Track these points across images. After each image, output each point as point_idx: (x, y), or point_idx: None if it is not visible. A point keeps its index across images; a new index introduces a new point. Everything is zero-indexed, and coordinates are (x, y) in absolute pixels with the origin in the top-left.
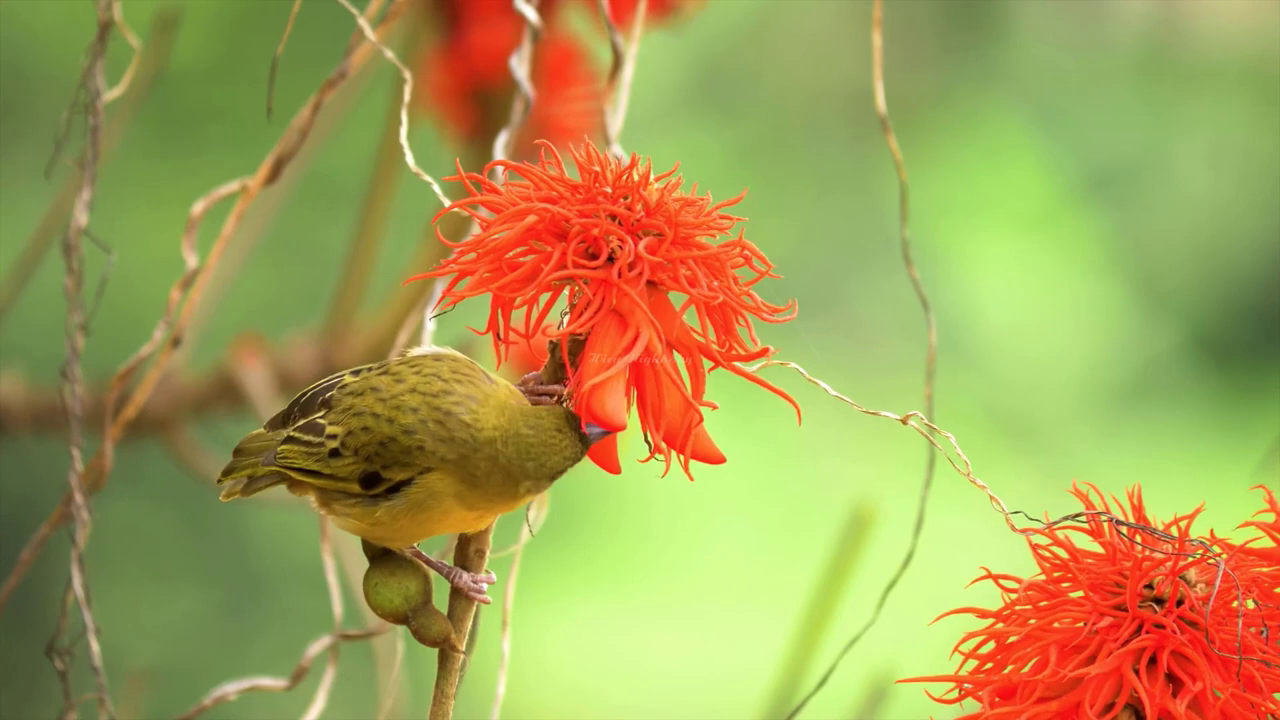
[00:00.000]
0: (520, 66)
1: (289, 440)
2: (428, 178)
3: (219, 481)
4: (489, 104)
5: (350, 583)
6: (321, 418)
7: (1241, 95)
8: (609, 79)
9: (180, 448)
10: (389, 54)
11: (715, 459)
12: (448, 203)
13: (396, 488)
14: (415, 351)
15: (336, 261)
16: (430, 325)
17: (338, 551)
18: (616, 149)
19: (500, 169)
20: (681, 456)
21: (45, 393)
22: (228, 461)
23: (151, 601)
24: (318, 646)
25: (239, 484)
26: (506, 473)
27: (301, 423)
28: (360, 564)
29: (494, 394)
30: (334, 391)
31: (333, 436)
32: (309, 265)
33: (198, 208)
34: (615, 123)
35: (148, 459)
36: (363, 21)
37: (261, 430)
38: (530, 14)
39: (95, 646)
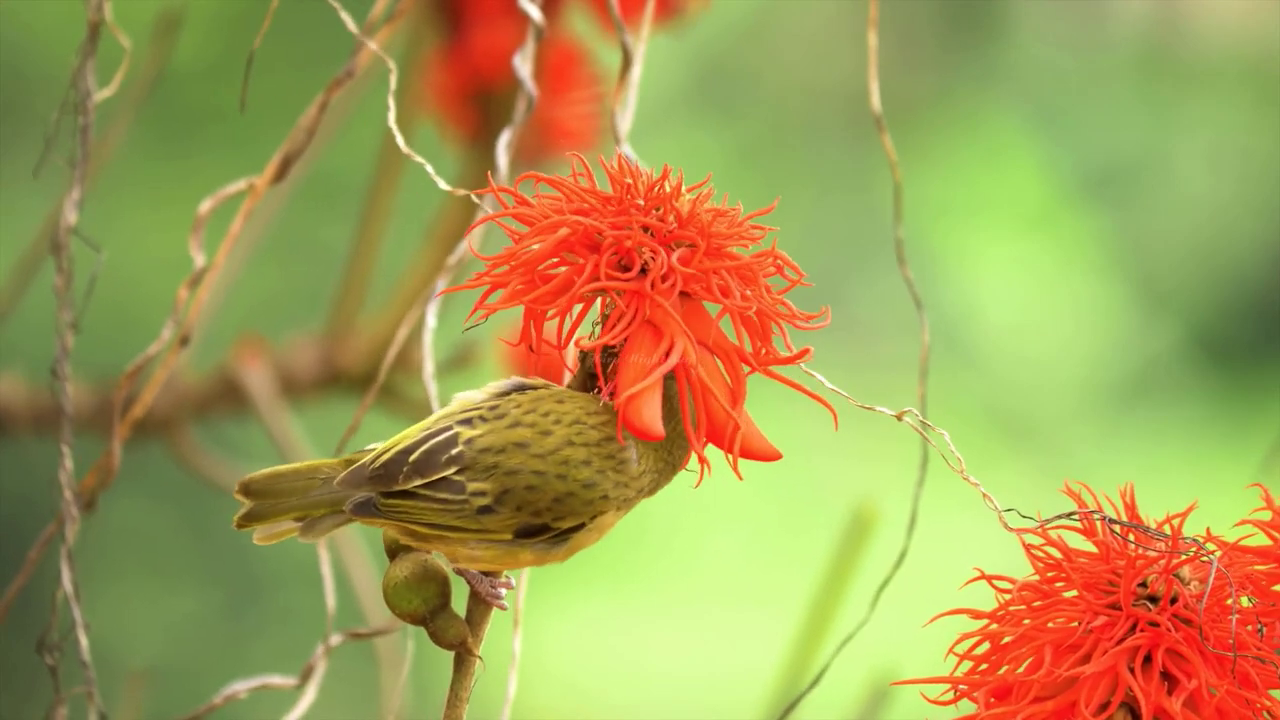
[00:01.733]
0: (524, 66)
1: (405, 497)
2: (419, 158)
3: (241, 525)
4: (491, 105)
5: (349, 582)
6: (457, 474)
7: (1241, 95)
8: (619, 80)
9: (182, 448)
10: (374, 47)
11: (770, 456)
12: (444, 185)
13: (564, 534)
14: (497, 386)
15: (338, 261)
16: (431, 323)
17: (335, 549)
18: (628, 150)
19: (505, 174)
20: (729, 456)
21: (46, 393)
22: (236, 492)
23: (152, 601)
24: (326, 645)
25: (280, 525)
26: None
27: (420, 482)
28: (360, 564)
29: (605, 413)
30: (460, 449)
31: (480, 493)
32: (311, 265)
33: (205, 206)
34: (625, 123)
35: (149, 459)
36: (353, 26)
37: (280, 470)
38: (534, 12)
39: (84, 642)
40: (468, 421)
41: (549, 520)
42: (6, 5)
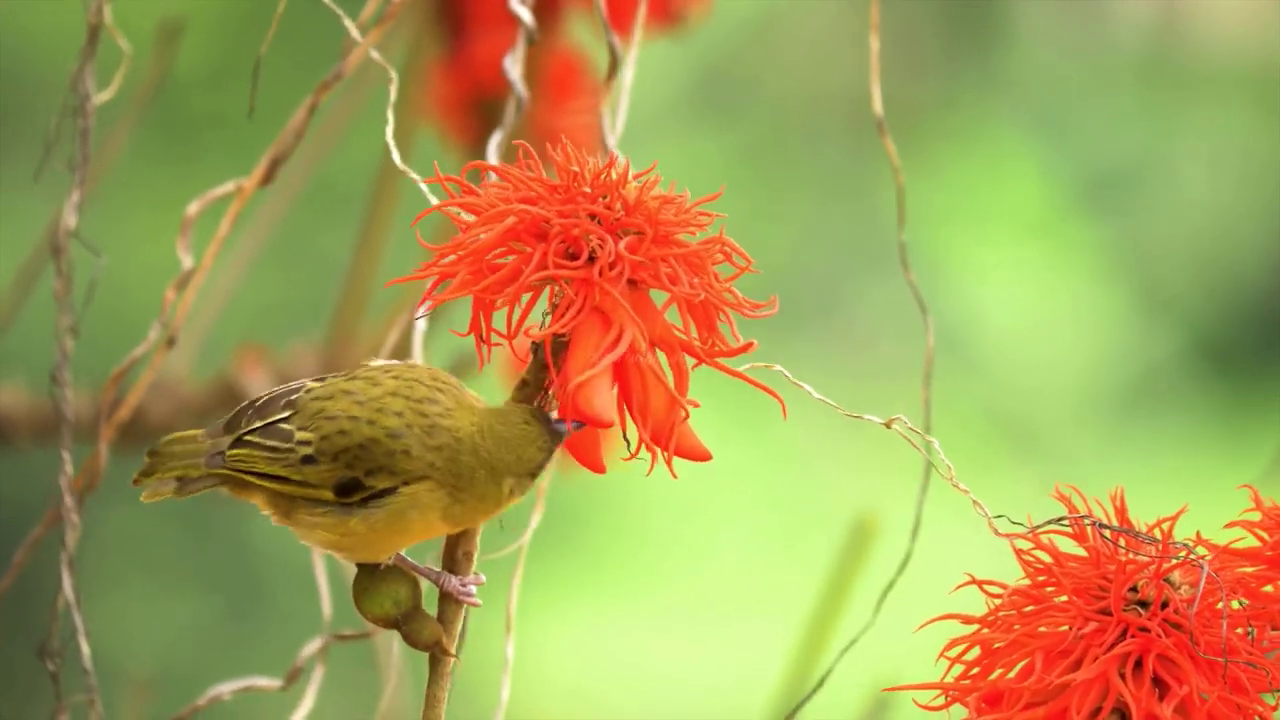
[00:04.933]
0: (514, 68)
1: (243, 444)
2: (414, 175)
3: (135, 483)
4: (491, 114)
5: (347, 584)
6: (285, 422)
7: (1242, 100)
8: (606, 81)
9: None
10: (375, 55)
11: (700, 456)
12: (435, 202)
13: (378, 494)
14: (378, 362)
15: (340, 270)
16: (421, 326)
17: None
18: (615, 151)
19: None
20: (666, 453)
21: (46, 402)
22: (144, 464)
23: (153, 607)
24: (311, 647)
25: (166, 484)
26: (491, 469)
27: (258, 426)
28: (354, 566)
29: (464, 398)
30: (299, 395)
31: (305, 443)
32: (312, 273)
33: (192, 208)
34: (614, 126)
35: None
36: (349, 24)
37: (184, 433)
38: (525, 15)
39: (86, 648)
40: (322, 379)
41: (361, 474)
42: (4, 8)
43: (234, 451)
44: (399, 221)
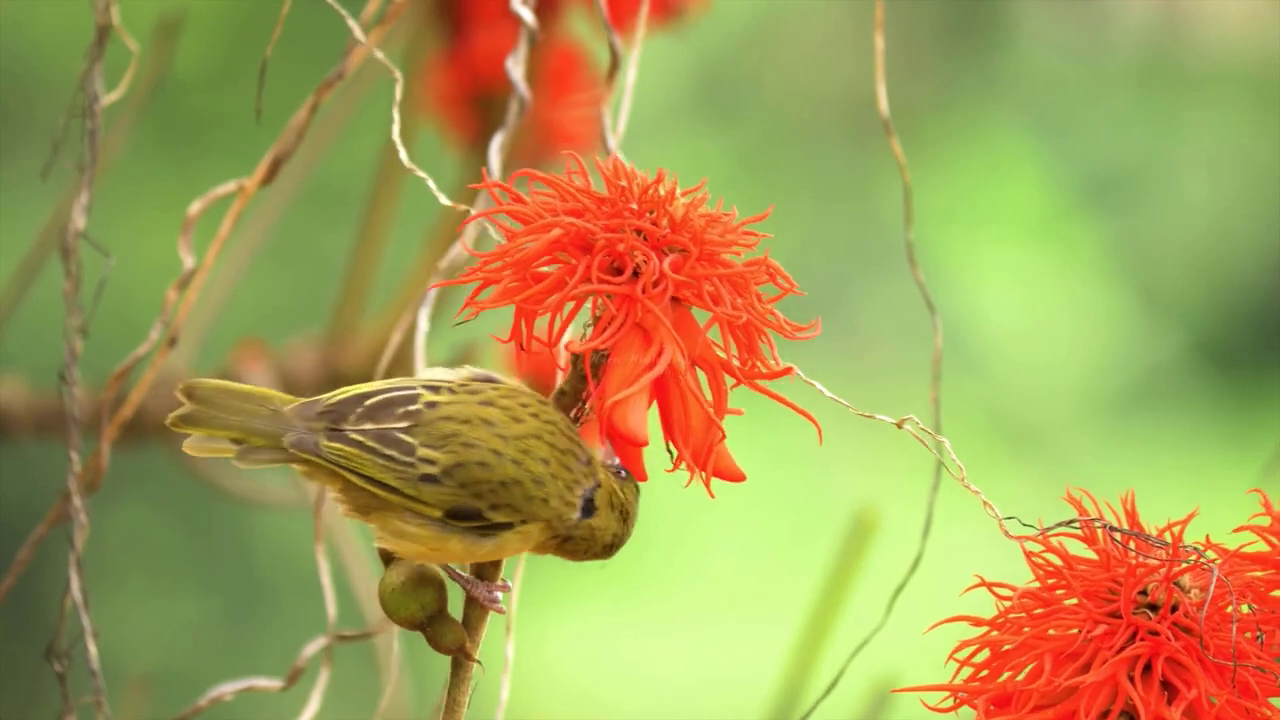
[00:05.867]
0: (516, 68)
1: (348, 441)
2: (422, 173)
3: (173, 426)
4: (491, 110)
5: (348, 584)
6: (404, 433)
7: (1242, 102)
8: (607, 80)
9: (183, 451)
10: (379, 55)
11: (735, 476)
12: (444, 200)
13: (493, 528)
14: (472, 372)
15: (339, 267)
16: (424, 326)
17: (333, 553)
18: (614, 150)
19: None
20: (703, 474)
21: (47, 398)
22: (179, 391)
23: (154, 607)
24: (313, 647)
25: (218, 442)
26: (610, 535)
27: (369, 428)
28: (358, 567)
29: (594, 455)
30: (419, 406)
31: (429, 461)
32: (312, 271)
33: (194, 208)
34: (615, 125)
35: (150, 464)
36: (353, 24)
37: (234, 386)
38: (527, 15)
39: (93, 649)
40: (434, 388)
41: (485, 506)
42: (7, 6)
43: (335, 445)
44: (398, 220)
